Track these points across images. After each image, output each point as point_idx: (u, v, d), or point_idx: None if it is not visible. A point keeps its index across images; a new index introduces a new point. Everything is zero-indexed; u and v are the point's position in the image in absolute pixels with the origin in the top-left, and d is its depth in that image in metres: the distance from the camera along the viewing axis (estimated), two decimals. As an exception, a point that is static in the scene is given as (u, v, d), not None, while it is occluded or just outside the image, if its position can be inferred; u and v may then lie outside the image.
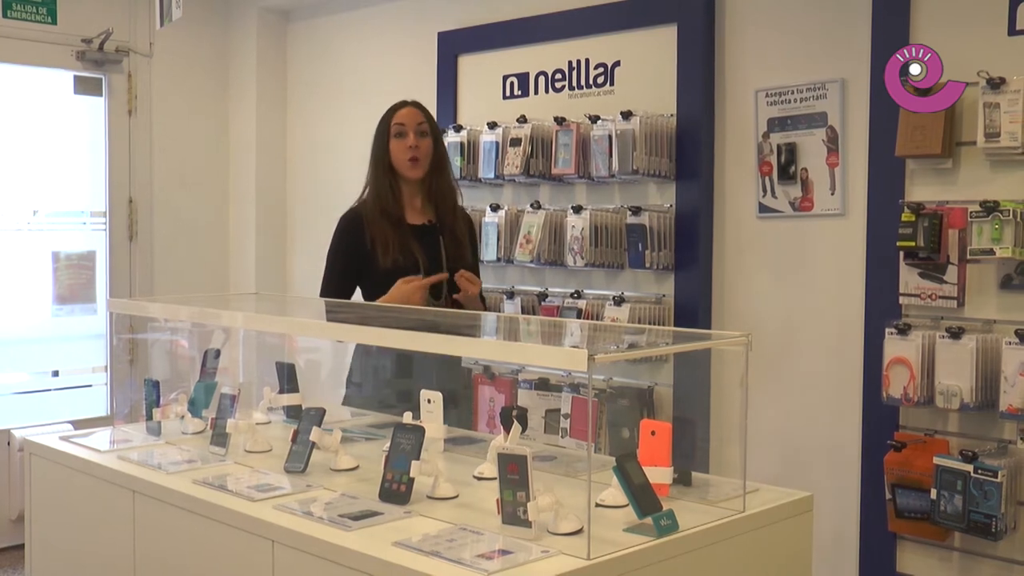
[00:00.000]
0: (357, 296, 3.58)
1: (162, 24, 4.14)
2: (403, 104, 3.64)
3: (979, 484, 3.09)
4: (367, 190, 3.60)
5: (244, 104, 5.72)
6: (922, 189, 3.39)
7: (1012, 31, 3.20)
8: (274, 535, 2.15)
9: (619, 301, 3.97)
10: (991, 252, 3.09)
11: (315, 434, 2.53)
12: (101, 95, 5.41)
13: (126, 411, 3.42)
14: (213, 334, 3.46)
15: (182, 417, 3.11)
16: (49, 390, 5.36)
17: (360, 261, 3.49)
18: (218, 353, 3.26)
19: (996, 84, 3.12)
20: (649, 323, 3.92)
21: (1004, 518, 3.08)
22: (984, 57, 3.19)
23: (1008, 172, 3.21)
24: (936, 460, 3.18)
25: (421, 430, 2.29)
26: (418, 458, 2.24)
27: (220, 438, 2.79)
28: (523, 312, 4.29)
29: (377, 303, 3.38)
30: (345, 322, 3.20)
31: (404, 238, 3.46)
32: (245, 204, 5.75)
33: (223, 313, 3.40)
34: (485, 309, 3.73)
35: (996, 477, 3.06)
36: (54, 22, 5.21)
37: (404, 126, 3.53)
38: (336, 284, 3.55)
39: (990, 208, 3.08)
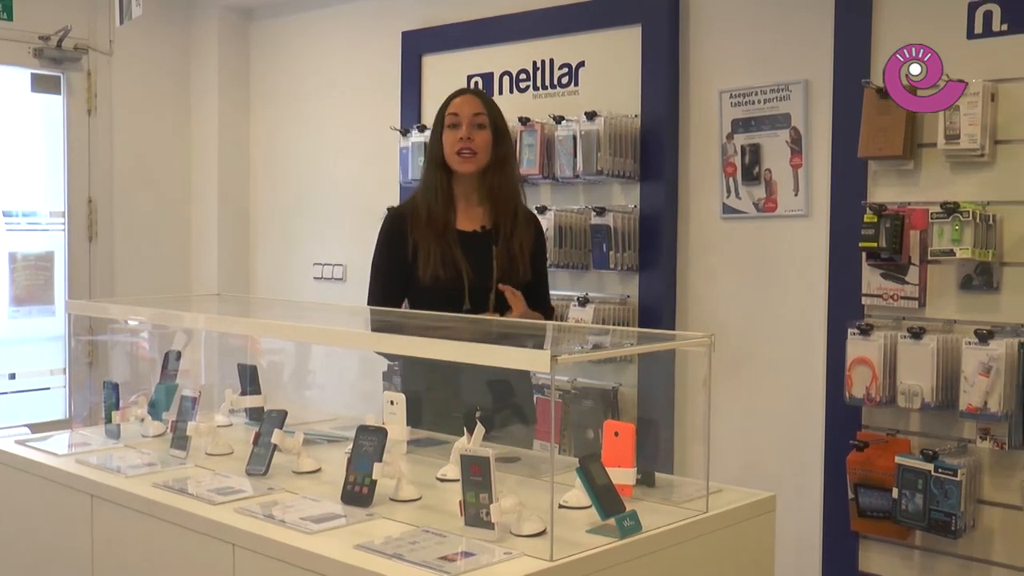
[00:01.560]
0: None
1: (122, 22, 4.09)
2: (461, 92, 3.33)
3: (939, 483, 3.11)
4: (416, 189, 3.33)
5: (206, 103, 5.67)
6: (884, 190, 3.41)
7: (971, 35, 3.23)
8: (235, 539, 2.13)
9: (583, 302, 3.97)
10: (951, 253, 3.11)
11: (277, 436, 2.51)
12: (59, 93, 5.33)
13: (85, 414, 3.38)
14: (175, 336, 3.42)
15: (142, 420, 3.07)
16: (6, 393, 5.28)
17: (404, 267, 3.18)
18: (179, 355, 3.22)
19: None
20: (613, 324, 3.92)
21: (963, 516, 3.10)
22: (945, 60, 3.20)
23: (968, 174, 3.23)
24: (898, 459, 3.20)
25: (383, 432, 2.27)
26: (381, 460, 2.23)
27: (181, 441, 2.76)
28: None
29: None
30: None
31: (448, 247, 3.14)
32: (207, 204, 5.70)
33: (184, 315, 3.38)
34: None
35: (956, 476, 3.08)
36: (10, 18, 5.13)
37: (458, 116, 3.20)
38: (383, 292, 3.24)
39: (950, 209, 3.10)
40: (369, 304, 3.27)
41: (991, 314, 3.18)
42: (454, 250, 3.14)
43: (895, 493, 3.20)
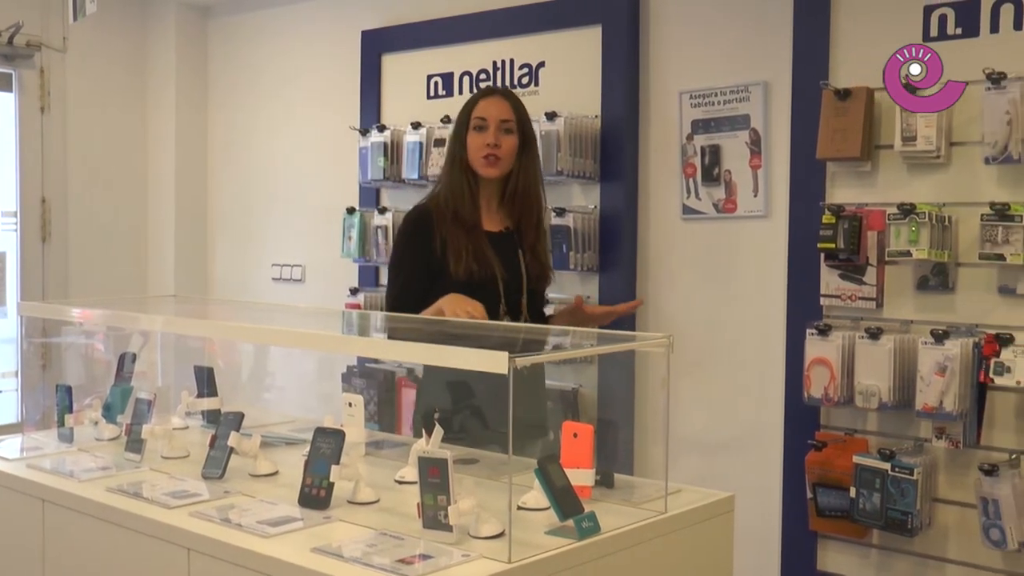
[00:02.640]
0: None
1: (75, 18, 4.03)
2: (489, 92, 3.25)
3: (896, 482, 3.13)
4: (439, 187, 3.24)
5: (163, 102, 5.60)
6: (842, 191, 3.43)
7: (926, 37, 3.26)
8: (190, 543, 2.10)
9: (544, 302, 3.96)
10: (908, 254, 3.14)
11: (233, 439, 2.48)
12: (11, 91, 5.24)
13: (37, 418, 3.33)
14: (130, 338, 3.38)
15: (96, 423, 3.03)
16: (-44, 396, 5.20)
17: (430, 266, 3.09)
18: (134, 357, 3.18)
19: (913, 89, 3.16)
20: (573, 325, 3.92)
21: (919, 515, 3.13)
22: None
23: (924, 175, 3.26)
24: (855, 459, 3.22)
25: (341, 434, 2.26)
26: (338, 462, 2.21)
27: (135, 444, 2.72)
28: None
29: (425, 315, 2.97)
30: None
31: (479, 244, 3.09)
32: (164, 204, 5.63)
33: (140, 316, 3.33)
34: None
35: (912, 475, 3.11)
36: (-40, 15, 5.06)
37: (485, 120, 3.15)
38: (407, 292, 3.10)
39: (907, 210, 3.13)
40: (389, 305, 3.16)
41: (946, 314, 3.21)
42: (485, 247, 3.09)
43: (853, 492, 3.23)
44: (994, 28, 3.14)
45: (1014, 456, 3.07)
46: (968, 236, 3.15)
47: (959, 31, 3.20)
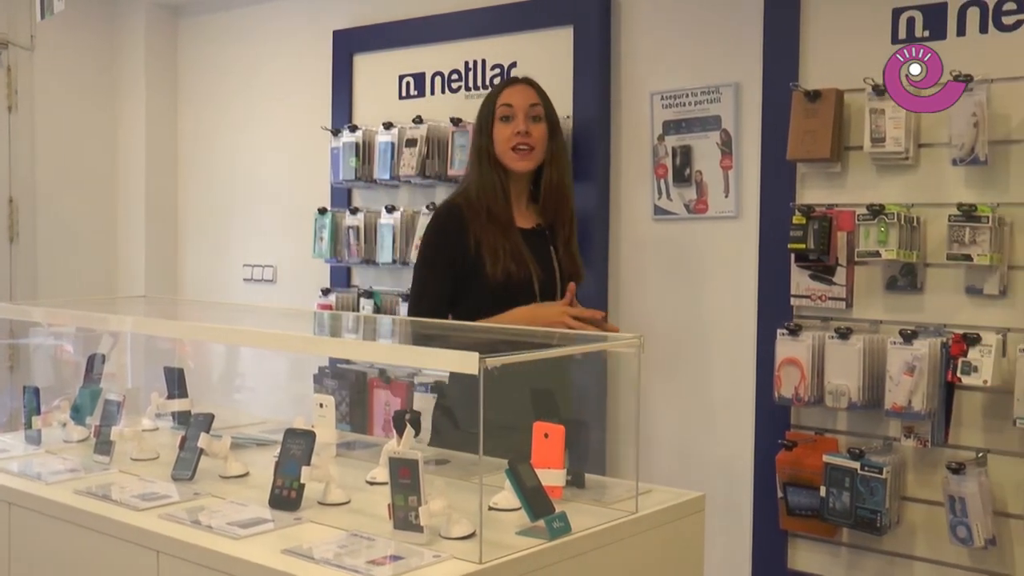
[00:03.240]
0: None
1: (43, 16, 3.99)
2: (513, 81, 3.09)
3: (865, 481, 3.16)
4: (466, 183, 3.05)
5: (133, 101, 5.56)
6: (812, 192, 3.46)
7: (895, 39, 3.29)
8: (159, 545, 2.08)
9: (515, 303, 3.96)
10: (877, 254, 3.16)
11: (203, 440, 2.47)
12: (-22, 90, 5.21)
13: (4, 420, 3.31)
14: (100, 339, 3.35)
15: (64, 425, 3.00)
16: (-78, 398, 5.14)
17: (463, 267, 2.91)
18: (104, 358, 3.16)
19: (881, 91, 3.19)
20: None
21: (888, 513, 3.15)
22: (870, 64, 3.27)
23: (893, 176, 3.29)
24: (825, 458, 3.24)
25: (312, 435, 2.25)
26: (309, 463, 2.20)
27: (104, 446, 2.70)
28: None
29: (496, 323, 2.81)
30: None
31: (516, 244, 2.91)
32: (134, 204, 5.59)
33: (109, 317, 3.30)
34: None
35: (881, 474, 3.13)
36: (-76, 12, 5.01)
37: (512, 108, 2.98)
38: (434, 295, 2.94)
39: (876, 211, 3.15)
40: (415, 306, 2.98)
41: (915, 314, 3.24)
42: (521, 247, 2.92)
43: (823, 491, 3.25)
44: (961, 31, 3.17)
45: (981, 455, 3.10)
46: (936, 237, 3.17)
47: (927, 33, 3.23)
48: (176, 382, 3.10)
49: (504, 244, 2.88)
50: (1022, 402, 2.94)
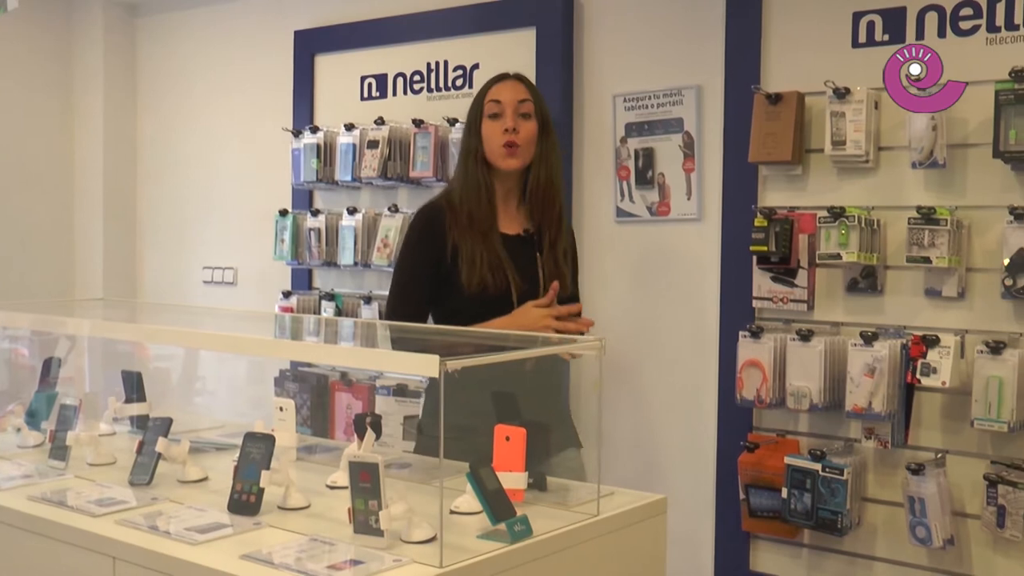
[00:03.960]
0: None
1: (-2, 15, 3.94)
2: (502, 77, 2.95)
3: (827, 482, 3.17)
4: (452, 186, 2.94)
5: (90, 100, 5.49)
6: (774, 195, 3.47)
7: (855, 43, 3.31)
8: (116, 551, 2.05)
9: (478, 305, 3.95)
10: (838, 257, 3.18)
11: (161, 445, 2.43)
12: (-70, 88, 5.13)
13: (-42, 425, 3.24)
14: (57, 342, 3.31)
15: (19, 430, 2.95)
16: None
17: (438, 272, 2.80)
18: (60, 362, 3.12)
19: (842, 94, 3.21)
20: (507, 327, 3.91)
21: (849, 514, 3.17)
22: (830, 68, 3.29)
23: (853, 179, 3.31)
24: (787, 460, 3.26)
25: (271, 439, 2.23)
26: (268, 467, 2.18)
27: (60, 451, 2.66)
28: (380, 317, 4.23)
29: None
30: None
31: (494, 251, 2.78)
32: (92, 205, 5.52)
33: (66, 320, 3.26)
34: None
35: (842, 475, 3.15)
36: None
37: (501, 104, 2.85)
38: (408, 299, 2.83)
39: (837, 214, 3.17)
40: (390, 310, 2.87)
41: (875, 316, 3.26)
42: (500, 255, 2.78)
43: (784, 493, 3.26)
44: (920, 35, 3.19)
45: (940, 455, 3.12)
46: (896, 239, 3.20)
47: (886, 37, 3.25)
48: (134, 386, 3.05)
49: (482, 252, 2.76)
50: (980, 403, 2.97)
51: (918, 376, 3.03)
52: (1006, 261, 2.96)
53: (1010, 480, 2.96)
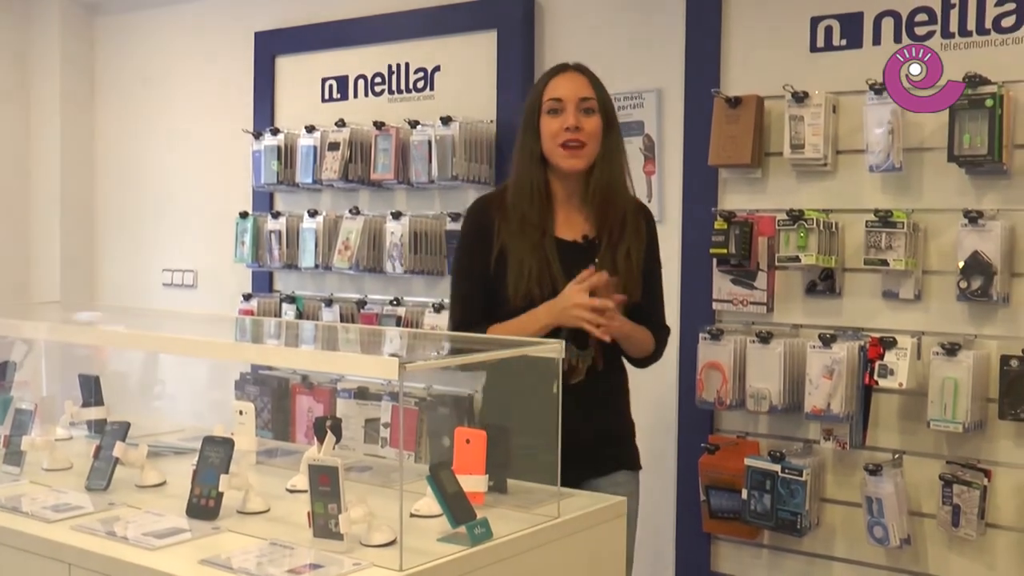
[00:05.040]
0: None
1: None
2: (562, 68, 2.69)
3: (786, 483, 3.20)
4: (506, 183, 2.71)
5: (47, 101, 5.43)
6: (734, 198, 3.50)
7: (814, 48, 3.34)
8: (71, 558, 2.03)
9: (439, 308, 3.95)
10: (797, 259, 3.20)
11: (119, 449, 2.41)
12: None
13: (-92, 431, 3.19)
14: (13, 346, 3.27)
15: (-28, 435, 2.91)
16: None
17: (488, 270, 2.59)
18: (16, 366, 3.08)
19: (800, 98, 3.24)
20: (469, 330, 3.91)
21: (808, 515, 3.20)
22: (789, 72, 3.32)
23: (812, 182, 3.34)
24: (747, 461, 3.28)
25: (230, 443, 2.21)
26: (227, 471, 2.17)
27: (14, 456, 2.62)
28: (342, 320, 4.22)
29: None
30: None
31: (546, 261, 2.54)
32: (48, 206, 5.45)
33: (22, 323, 3.21)
34: (651, 356, 2.77)
35: (801, 476, 3.17)
36: None
37: (562, 101, 2.60)
38: (468, 298, 2.64)
39: (796, 217, 3.20)
40: (453, 315, 2.71)
41: (833, 318, 3.29)
42: (552, 265, 2.54)
43: (744, 494, 3.28)
44: (876, 40, 3.23)
45: (897, 456, 3.16)
46: (854, 242, 3.23)
47: (844, 42, 3.29)
48: (92, 390, 3.02)
49: (531, 262, 2.54)
50: (936, 404, 3.01)
51: (876, 378, 3.07)
52: (961, 264, 3.00)
53: (965, 480, 2.99)
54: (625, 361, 2.75)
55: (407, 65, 4.26)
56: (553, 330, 2.51)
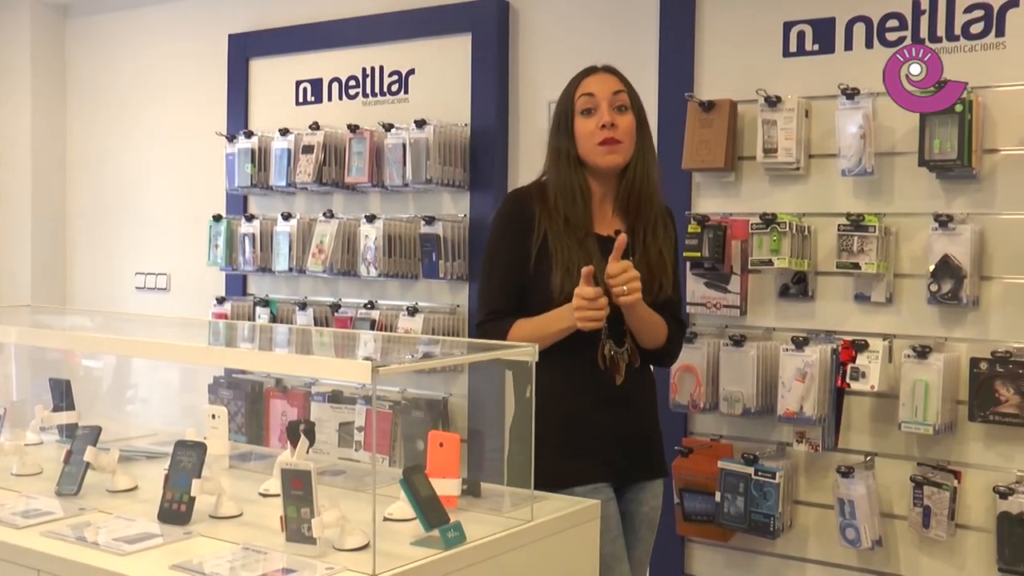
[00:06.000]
0: None
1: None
2: (591, 70, 2.69)
3: (759, 486, 3.21)
4: (544, 179, 2.70)
5: (16, 101, 5.37)
6: (707, 201, 3.51)
7: (786, 52, 3.36)
8: (40, 564, 2.01)
9: (413, 311, 3.95)
10: (770, 263, 3.22)
11: (90, 454, 2.40)
12: None
13: None
14: (-17, 351, 3.25)
15: (-60, 440, 2.89)
16: None
17: (527, 260, 2.59)
18: (-15, 370, 3.06)
19: (773, 102, 3.26)
20: (443, 334, 3.91)
21: (781, 517, 3.21)
22: (762, 76, 3.34)
23: (785, 186, 3.36)
24: (720, 464, 3.29)
25: (203, 447, 2.20)
26: (200, 476, 2.16)
27: (-16, 461, 2.61)
28: (316, 323, 4.21)
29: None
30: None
31: (590, 259, 2.54)
32: (19, 209, 5.40)
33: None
34: (665, 350, 2.74)
35: (774, 478, 3.19)
36: None
37: (595, 98, 2.60)
38: (502, 287, 2.63)
39: (769, 220, 3.21)
40: (478, 312, 2.70)
41: (806, 321, 3.31)
42: (595, 260, 2.54)
43: (718, 497, 3.29)
44: (848, 46, 3.25)
45: (868, 458, 3.18)
46: (826, 245, 3.25)
47: (816, 47, 3.31)
48: (63, 394, 3.00)
49: (578, 259, 2.53)
50: (907, 406, 3.03)
51: (848, 380, 3.09)
52: (931, 267, 3.03)
53: (935, 481, 3.02)
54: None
55: (381, 68, 4.25)
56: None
